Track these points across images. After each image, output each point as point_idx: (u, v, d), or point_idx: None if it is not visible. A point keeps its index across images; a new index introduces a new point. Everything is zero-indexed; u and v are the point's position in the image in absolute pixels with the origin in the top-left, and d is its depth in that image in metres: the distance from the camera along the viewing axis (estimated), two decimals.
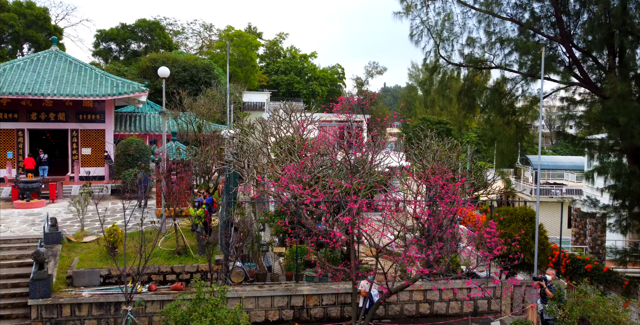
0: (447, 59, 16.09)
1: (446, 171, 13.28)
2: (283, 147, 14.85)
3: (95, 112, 27.17)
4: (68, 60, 28.05)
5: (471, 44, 15.70)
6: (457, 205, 12.32)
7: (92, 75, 27.04)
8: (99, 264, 14.09)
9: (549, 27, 16.97)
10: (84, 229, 16.77)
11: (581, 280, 17.94)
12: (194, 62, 41.24)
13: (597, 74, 16.68)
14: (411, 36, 15.67)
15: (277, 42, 69.91)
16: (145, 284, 13.55)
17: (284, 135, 15.00)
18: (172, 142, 19.27)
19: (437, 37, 15.67)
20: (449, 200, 12.05)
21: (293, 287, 13.93)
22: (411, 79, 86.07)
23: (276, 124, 14.98)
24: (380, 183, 14.14)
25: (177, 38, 62.06)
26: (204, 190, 15.76)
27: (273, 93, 55.98)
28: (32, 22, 39.26)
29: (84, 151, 27.16)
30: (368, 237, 11.46)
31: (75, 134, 26.98)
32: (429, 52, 16.04)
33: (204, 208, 14.61)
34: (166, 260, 14.19)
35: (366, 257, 17.10)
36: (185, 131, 21.20)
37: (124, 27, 48.84)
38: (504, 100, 15.90)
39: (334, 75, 71.50)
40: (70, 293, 13.04)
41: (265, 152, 14.12)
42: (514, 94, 15.82)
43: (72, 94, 25.07)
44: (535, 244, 13.36)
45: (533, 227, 15.35)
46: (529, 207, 15.54)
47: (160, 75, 16.16)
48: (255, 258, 14.99)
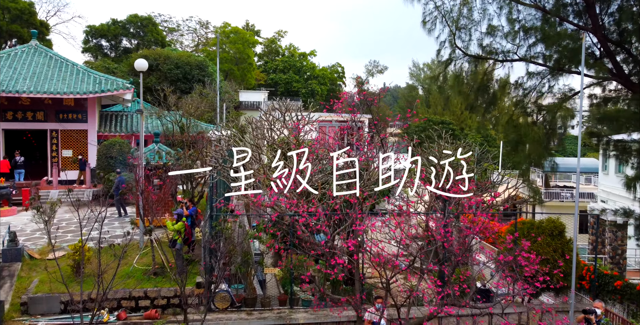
0: (463, 50, 14.15)
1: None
2: (276, 149, 12.90)
3: (76, 111, 25.19)
4: (48, 56, 26.06)
5: (492, 33, 13.74)
6: (481, 222, 10.41)
7: (73, 72, 25.06)
8: (62, 287, 12.11)
9: (577, 15, 15.01)
10: (52, 242, 14.78)
11: (609, 299, 16.00)
12: (187, 59, 39.30)
13: (632, 67, 14.72)
14: (424, 23, 13.72)
15: (276, 40, 67.91)
16: (114, 311, 11.60)
17: (278, 137, 13.02)
18: (154, 144, 17.33)
19: (453, 24, 13.73)
20: (472, 215, 10.19)
21: (287, 314, 11.96)
22: (412, 79, 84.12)
23: (269, 125, 13.01)
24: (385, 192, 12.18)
25: (172, 35, 60.11)
26: (187, 199, 13.80)
27: (271, 92, 53.95)
28: (17, 17, 37.29)
29: (65, 153, 25.19)
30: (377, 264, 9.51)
31: (55, 135, 25.00)
32: (443, 42, 14.11)
33: (184, 221, 12.64)
34: (140, 282, 12.23)
35: (369, 268, 15.16)
36: (171, 132, 19.25)
37: (115, 22, 46.81)
38: (528, 98, 13.96)
39: (333, 74, 69.53)
40: (24, 323, 11.08)
41: (256, 157, 12.17)
42: (540, 90, 13.86)
43: (50, 92, 23.10)
44: (572, 262, 11.39)
45: (562, 242, 13.43)
46: (557, 220, 13.59)
47: (137, 68, 14.19)
48: (245, 277, 13.04)
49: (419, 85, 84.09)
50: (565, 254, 13.11)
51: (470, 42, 14.05)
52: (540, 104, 13.99)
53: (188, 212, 13.57)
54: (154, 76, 37.34)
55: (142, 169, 14.12)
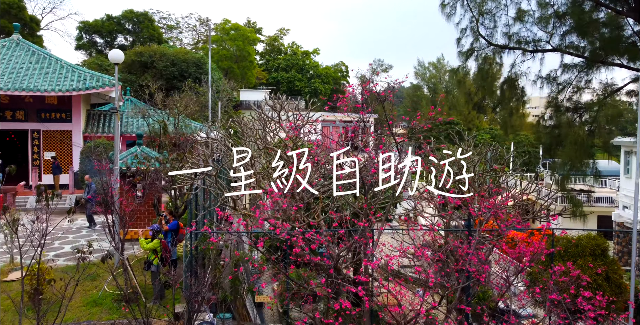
0: (487, 39, 12.23)
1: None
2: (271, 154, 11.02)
3: (60, 109, 23.40)
4: (31, 50, 24.26)
5: (521, 18, 11.81)
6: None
7: (56, 68, 23.25)
8: (13, 317, 10.27)
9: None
10: (13, 260, 12.99)
11: None
12: (184, 56, 37.50)
13: None
14: (442, 7, 11.83)
15: (278, 38, 66.09)
16: None
17: (272, 139, 11.12)
18: (136, 146, 15.45)
19: (475, 8, 11.83)
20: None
21: None
22: (417, 78, 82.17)
23: (261, 125, 11.12)
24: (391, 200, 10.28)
25: (171, 33, 58.33)
26: (167, 212, 11.92)
27: (273, 91, 52.13)
28: (4, 12, 35.54)
29: (47, 155, 23.38)
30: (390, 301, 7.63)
31: (36, 136, 23.21)
32: (464, 29, 12.22)
33: (160, 238, 10.75)
34: (109, 312, 10.36)
35: (375, 281, 13.21)
36: (157, 133, 17.41)
37: (110, 18, 45.00)
38: (563, 94, 12.03)
39: (337, 73, 67.69)
40: None
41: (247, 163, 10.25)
42: (577, 84, 11.92)
43: (30, 89, 21.30)
44: (631, 287, 9.46)
45: (606, 262, 11.49)
46: (598, 236, 11.65)
47: (112, 60, 12.32)
48: (234, 304, 11.13)
49: (424, 85, 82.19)
50: (609, 277, 11.20)
51: (496, 29, 12.12)
52: (578, 100, 12.04)
53: (167, 226, 11.69)
54: (149, 74, 35.58)
55: (117, 175, 12.24)
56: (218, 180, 10.51)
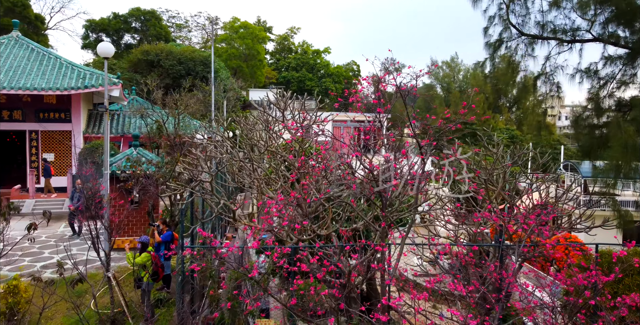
0: (519, 28, 10.88)
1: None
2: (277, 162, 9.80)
3: (59, 109, 22.44)
4: (30, 48, 23.33)
5: (557, 4, 10.45)
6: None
7: (55, 65, 22.28)
8: None
9: None
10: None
11: None
12: (191, 55, 36.49)
13: None
14: None
15: (288, 37, 64.90)
16: None
17: (275, 141, 9.88)
18: (132, 148, 14.33)
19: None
20: None
21: None
22: (430, 77, 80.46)
23: (263, 126, 9.89)
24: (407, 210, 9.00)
25: (180, 32, 57.45)
26: (161, 221, 10.74)
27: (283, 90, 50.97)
28: (9, 10, 34.79)
29: (48, 157, 22.42)
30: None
31: (34, 136, 22.26)
32: (492, 17, 10.90)
33: (150, 252, 9.57)
34: None
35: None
36: (155, 134, 16.29)
37: (116, 16, 44.16)
38: (605, 89, 10.64)
39: (348, 72, 66.29)
40: None
41: (249, 169, 9.07)
42: (621, 79, 10.52)
43: (27, 87, 20.33)
44: None
45: None
46: None
47: (101, 54, 11.19)
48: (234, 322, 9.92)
49: (437, 84, 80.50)
50: None
51: (528, 16, 10.76)
52: (621, 97, 10.63)
53: (161, 238, 10.51)
54: (155, 73, 34.59)
55: (107, 180, 11.10)
56: (215, 186, 9.30)
